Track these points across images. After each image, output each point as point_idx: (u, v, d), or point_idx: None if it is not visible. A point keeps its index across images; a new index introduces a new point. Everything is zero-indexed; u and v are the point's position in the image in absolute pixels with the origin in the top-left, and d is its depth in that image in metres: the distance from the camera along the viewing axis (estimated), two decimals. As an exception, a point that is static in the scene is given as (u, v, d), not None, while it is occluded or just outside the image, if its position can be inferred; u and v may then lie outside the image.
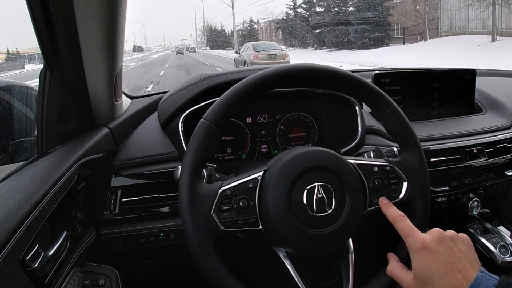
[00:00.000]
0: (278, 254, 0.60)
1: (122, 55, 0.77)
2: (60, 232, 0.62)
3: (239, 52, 15.00)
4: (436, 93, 1.11)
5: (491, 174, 1.04)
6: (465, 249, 0.51)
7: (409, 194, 0.63)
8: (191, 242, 0.53)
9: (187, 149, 0.57)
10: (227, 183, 0.57)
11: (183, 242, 0.55)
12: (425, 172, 0.64)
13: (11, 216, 0.49)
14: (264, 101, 0.89)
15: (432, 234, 0.52)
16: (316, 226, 0.56)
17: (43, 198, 0.54)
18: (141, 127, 0.92)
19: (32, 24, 0.62)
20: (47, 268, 0.55)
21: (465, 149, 0.98)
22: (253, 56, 12.29)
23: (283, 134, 0.94)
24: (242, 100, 0.58)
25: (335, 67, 0.64)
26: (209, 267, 0.52)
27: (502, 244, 0.97)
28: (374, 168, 0.63)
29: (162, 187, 0.81)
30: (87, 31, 0.64)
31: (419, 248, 0.51)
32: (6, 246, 0.45)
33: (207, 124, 0.56)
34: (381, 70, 1.07)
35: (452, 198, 1.00)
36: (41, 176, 0.59)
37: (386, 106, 0.64)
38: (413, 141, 0.64)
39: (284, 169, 0.57)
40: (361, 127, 0.89)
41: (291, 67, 0.61)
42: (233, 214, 0.55)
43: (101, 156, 0.75)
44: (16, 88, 0.74)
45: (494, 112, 1.13)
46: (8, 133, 0.71)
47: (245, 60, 12.53)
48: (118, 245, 0.80)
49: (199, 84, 0.86)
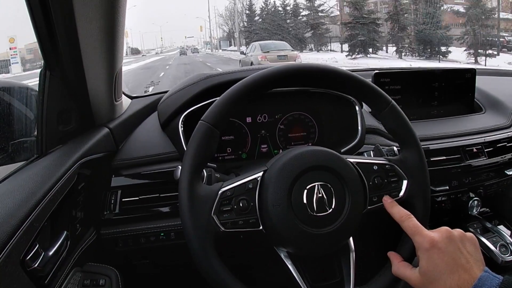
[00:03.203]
0: (279, 254, 0.60)
1: (122, 55, 0.77)
2: (61, 232, 0.62)
3: (245, 53, 14.09)
4: (436, 93, 1.11)
5: (491, 174, 1.04)
6: (472, 249, 0.51)
7: (409, 192, 0.63)
8: (192, 243, 0.53)
9: (186, 151, 0.57)
10: (227, 184, 0.57)
11: (183, 242, 0.55)
12: (424, 170, 0.64)
13: (11, 216, 0.49)
14: (264, 100, 0.89)
15: (441, 233, 0.52)
16: (316, 225, 0.56)
17: (43, 198, 0.54)
18: (141, 127, 0.92)
19: (32, 24, 0.62)
20: (47, 268, 0.55)
21: (465, 149, 0.98)
22: (261, 57, 11.32)
23: (283, 134, 0.94)
24: (241, 100, 0.58)
25: (335, 67, 0.64)
26: (210, 268, 0.52)
27: (502, 243, 0.97)
28: (373, 166, 0.62)
29: (162, 187, 0.81)
30: (87, 31, 0.64)
31: (428, 247, 0.51)
32: (6, 246, 0.45)
33: (206, 126, 0.56)
34: (381, 70, 1.07)
35: (452, 197, 1.00)
36: (41, 176, 0.59)
37: (385, 105, 0.64)
38: (412, 139, 0.64)
39: (284, 169, 0.57)
40: (361, 126, 0.89)
41: (290, 67, 0.61)
42: (234, 215, 0.55)
43: (101, 156, 0.75)
44: (16, 88, 0.74)
45: (494, 111, 1.14)
46: (8, 133, 0.71)
47: (252, 62, 11.41)
48: (118, 245, 0.80)
49: (198, 84, 0.86)
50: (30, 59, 3.19)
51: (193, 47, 65.08)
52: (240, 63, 13.46)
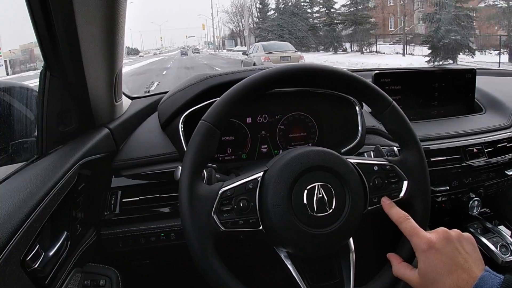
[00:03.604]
0: (279, 254, 0.60)
1: (122, 56, 0.77)
2: (61, 232, 0.62)
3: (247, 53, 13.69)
4: (436, 93, 1.11)
5: (491, 174, 1.04)
6: (470, 249, 0.51)
7: (409, 193, 0.62)
8: (192, 243, 0.53)
9: (186, 151, 0.57)
10: (227, 184, 0.57)
11: (184, 242, 0.55)
12: (425, 171, 0.64)
13: (12, 216, 0.49)
14: (264, 101, 0.89)
15: (438, 234, 0.52)
16: (316, 226, 0.56)
17: (44, 199, 0.54)
18: (141, 128, 0.92)
19: (32, 24, 0.62)
20: (47, 268, 0.55)
21: (465, 149, 0.98)
22: (264, 58, 11.09)
23: (283, 134, 0.94)
24: (241, 100, 0.58)
25: (335, 67, 0.64)
26: (210, 268, 0.52)
27: (503, 243, 0.97)
28: (374, 167, 0.62)
29: (162, 187, 0.81)
30: (87, 32, 0.64)
31: (425, 248, 0.51)
32: (7, 247, 0.45)
33: (207, 125, 0.56)
34: (381, 70, 1.07)
35: (452, 197, 1.00)
36: (41, 177, 0.59)
37: (385, 106, 0.64)
38: (412, 140, 0.64)
39: (284, 169, 0.57)
40: (361, 127, 0.89)
41: (290, 67, 0.61)
42: (234, 215, 0.55)
43: (101, 157, 0.75)
44: (16, 88, 0.74)
45: (494, 111, 1.14)
46: (8, 134, 0.71)
47: (255, 63, 11.08)
48: (119, 246, 0.80)
49: (199, 85, 0.86)
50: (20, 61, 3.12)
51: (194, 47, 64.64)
52: (242, 64, 13.23)
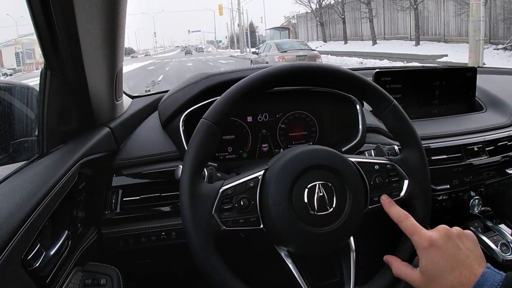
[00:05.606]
0: (279, 253, 0.60)
1: (122, 55, 0.77)
2: (62, 231, 0.62)
3: (257, 52, 12.85)
4: (437, 91, 1.11)
5: (492, 172, 1.03)
6: (471, 246, 0.51)
7: (410, 192, 0.62)
8: (192, 241, 0.53)
9: (187, 149, 0.57)
10: (228, 182, 0.57)
11: (184, 241, 0.55)
12: (426, 170, 0.64)
13: (12, 216, 0.49)
14: (265, 100, 0.89)
15: (439, 231, 0.52)
16: (317, 224, 0.56)
17: (44, 198, 0.54)
18: (141, 127, 0.92)
19: (32, 24, 0.62)
20: (48, 267, 0.55)
21: (466, 147, 0.98)
22: (278, 57, 10.22)
23: (284, 133, 0.94)
24: (242, 99, 0.58)
25: (336, 66, 0.64)
26: (210, 267, 0.52)
27: (503, 242, 0.97)
28: (375, 166, 0.62)
29: (163, 187, 0.81)
30: (87, 31, 0.64)
31: (426, 246, 0.52)
32: (8, 246, 0.45)
33: (208, 124, 0.56)
34: (382, 69, 1.07)
35: (453, 196, 0.99)
36: (42, 176, 0.59)
37: (386, 104, 0.64)
38: (413, 138, 0.64)
39: (285, 168, 0.57)
40: (362, 125, 0.89)
41: (291, 66, 0.61)
42: (234, 213, 0.55)
43: (102, 156, 0.76)
44: (17, 88, 0.74)
45: (495, 110, 1.13)
46: (9, 133, 0.71)
47: (267, 62, 9.69)
48: (119, 245, 0.80)
49: (199, 83, 0.86)
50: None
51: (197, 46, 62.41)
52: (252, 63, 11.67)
